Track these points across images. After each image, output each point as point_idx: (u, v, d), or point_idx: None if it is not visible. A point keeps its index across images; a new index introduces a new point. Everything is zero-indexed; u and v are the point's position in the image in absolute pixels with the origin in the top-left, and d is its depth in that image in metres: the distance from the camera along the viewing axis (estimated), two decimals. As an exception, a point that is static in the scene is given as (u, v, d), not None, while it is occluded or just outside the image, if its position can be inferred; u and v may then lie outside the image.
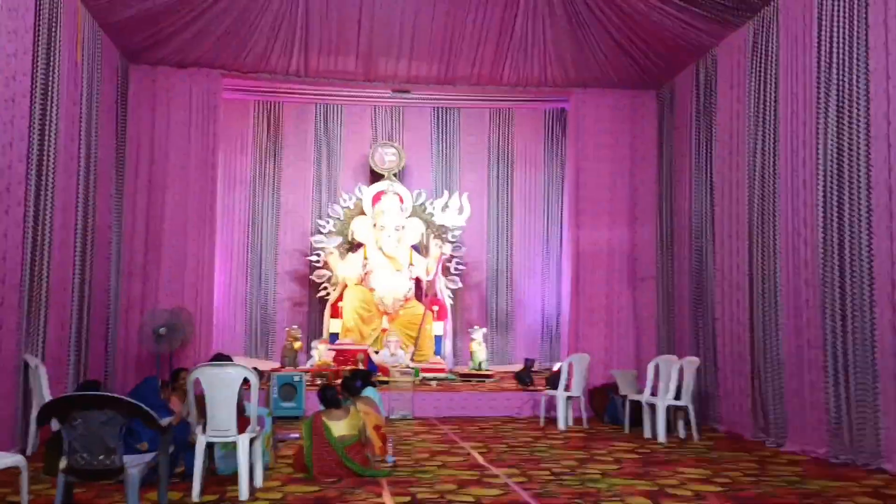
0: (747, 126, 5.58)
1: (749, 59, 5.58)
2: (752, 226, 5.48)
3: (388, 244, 8.03)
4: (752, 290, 5.49)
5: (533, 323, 9.17)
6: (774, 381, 5.22)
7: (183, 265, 6.76)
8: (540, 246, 9.26)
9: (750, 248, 5.53)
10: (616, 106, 7.17)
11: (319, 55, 6.72)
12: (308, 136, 9.02)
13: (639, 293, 7.14)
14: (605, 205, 7.12)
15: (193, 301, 6.75)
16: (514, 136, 9.34)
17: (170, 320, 6.18)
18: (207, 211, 6.86)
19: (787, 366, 5.10)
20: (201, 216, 6.82)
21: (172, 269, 6.73)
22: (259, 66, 6.87)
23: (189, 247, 6.77)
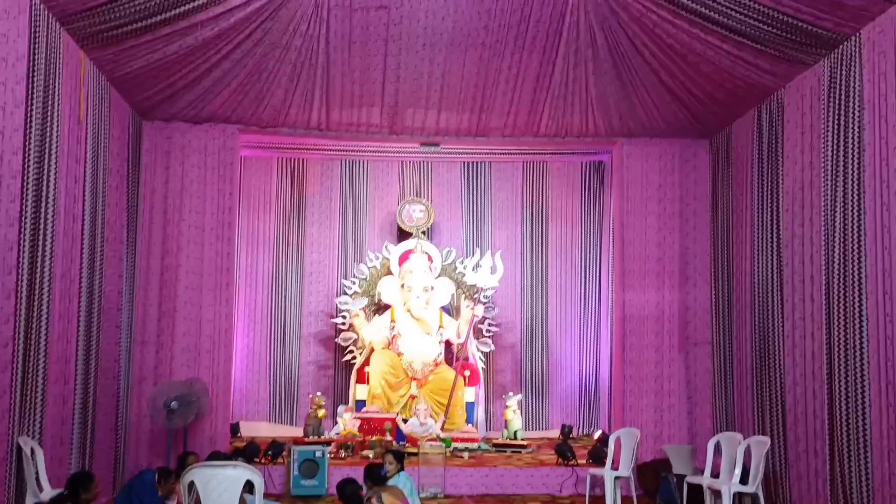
0: (823, 177, 4.79)
1: (825, 101, 4.80)
2: (832, 290, 4.66)
3: (417, 306, 7.28)
4: (832, 362, 4.63)
5: (570, 386, 8.32)
6: (859, 466, 4.34)
7: (198, 332, 6.06)
8: (576, 305, 8.46)
9: (828, 315, 4.69)
10: (664, 156, 6.42)
11: (342, 108, 6.07)
12: (333, 193, 8.40)
13: (691, 360, 6.28)
14: (653, 264, 6.32)
15: (210, 370, 6.03)
16: (548, 191, 8.62)
17: (182, 393, 5.47)
18: (224, 274, 6.18)
19: (874, 449, 4.23)
20: (218, 279, 6.13)
21: (187, 336, 6.03)
22: (278, 120, 6.24)
23: (205, 312, 6.07)
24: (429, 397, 7.04)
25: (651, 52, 5.32)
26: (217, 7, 4.99)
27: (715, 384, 6.20)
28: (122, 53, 5.18)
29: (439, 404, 6.99)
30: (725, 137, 6.21)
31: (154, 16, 4.86)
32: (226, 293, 6.14)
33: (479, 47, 5.51)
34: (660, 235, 6.34)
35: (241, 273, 8.01)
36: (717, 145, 6.36)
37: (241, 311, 7.96)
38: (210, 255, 6.10)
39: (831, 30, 4.52)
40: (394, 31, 5.41)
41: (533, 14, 5.21)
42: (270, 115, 6.18)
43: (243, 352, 7.92)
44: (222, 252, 6.14)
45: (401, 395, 7.05)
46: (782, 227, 5.26)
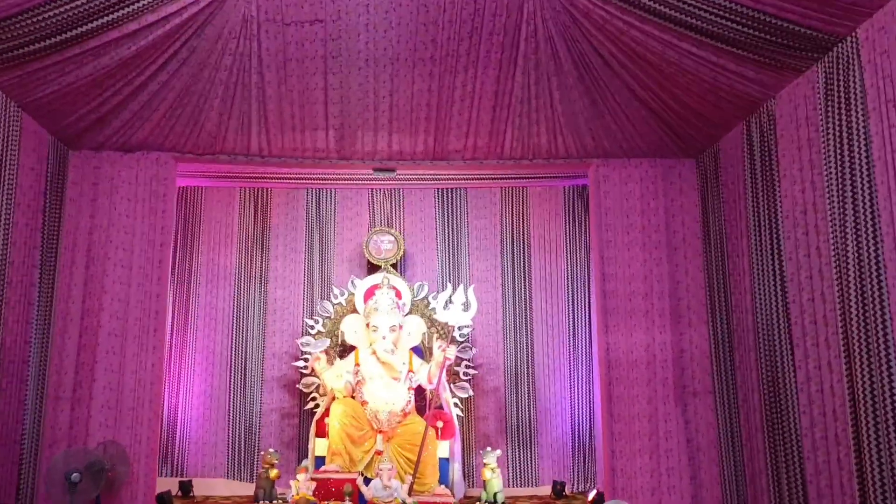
0: (828, 198, 3.86)
1: (822, 111, 3.91)
2: (850, 333, 3.68)
3: (383, 347, 6.33)
4: (858, 424, 3.65)
5: (562, 436, 7.28)
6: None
7: (120, 385, 5.18)
8: (565, 343, 7.46)
9: (848, 365, 3.72)
10: (646, 179, 5.48)
11: (283, 132, 5.24)
12: (298, 224, 7.52)
13: (691, 414, 5.26)
14: (639, 301, 5.35)
15: (132, 430, 5.12)
16: (529, 218, 7.68)
17: (90, 461, 4.55)
18: (153, 318, 5.30)
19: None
20: (146, 324, 5.26)
21: (108, 390, 5.13)
22: (215, 146, 5.41)
23: (129, 362, 5.19)
24: (396, 453, 6.05)
25: (620, 63, 4.48)
26: (131, 24, 4.28)
27: (721, 442, 5.16)
28: (29, 77, 4.46)
29: (408, 461, 5.99)
30: (713, 156, 5.28)
31: (56, 35, 4.20)
32: (154, 340, 5.27)
33: (427, 62, 4.71)
34: (646, 268, 5.37)
35: (199, 312, 7.17)
36: (705, 165, 5.43)
37: (199, 353, 7.09)
38: (138, 297, 5.25)
39: (822, 30, 3.71)
40: (332, 48, 4.63)
41: (485, 25, 4.43)
42: (206, 141, 5.38)
43: (200, 398, 7.02)
44: (152, 293, 5.28)
45: (364, 450, 6.06)
46: (784, 257, 4.31)
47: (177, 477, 6.77)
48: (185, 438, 6.92)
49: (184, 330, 7.10)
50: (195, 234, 7.31)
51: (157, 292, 5.32)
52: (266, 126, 5.19)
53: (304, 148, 5.44)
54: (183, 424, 6.93)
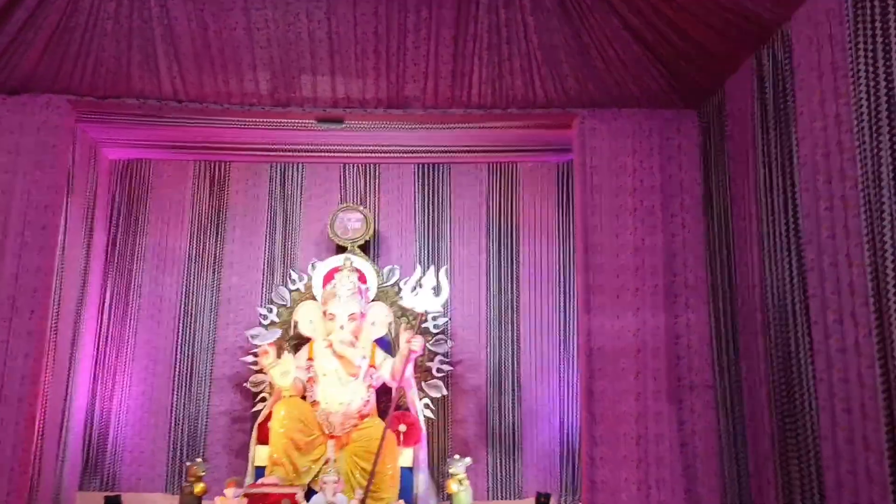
0: (857, 133, 3.09)
1: (850, 25, 3.16)
2: (885, 302, 2.92)
3: (339, 338, 5.63)
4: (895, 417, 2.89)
5: (549, 441, 6.52)
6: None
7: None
8: (555, 338, 6.70)
9: (882, 344, 2.95)
10: (640, 133, 4.72)
11: (200, 73, 4.58)
12: (260, 203, 6.88)
13: (687, 412, 4.46)
14: (628, 277, 4.58)
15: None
16: (518, 198, 6.97)
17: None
18: (31, 296, 4.56)
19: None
20: (21, 304, 4.53)
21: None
22: (117, 87, 4.75)
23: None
24: (350, 462, 5.34)
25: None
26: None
27: (722, 448, 4.36)
28: None
29: (364, 472, 5.25)
30: (717, 104, 4.53)
31: None
32: (30, 324, 4.54)
33: (371, 1, 4.01)
34: (636, 238, 4.61)
35: (141, 301, 6.55)
36: (709, 116, 4.67)
37: (140, 348, 6.47)
38: (12, 270, 4.56)
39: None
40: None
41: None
42: (107, 81, 4.71)
43: (137, 400, 6.39)
44: (31, 266, 4.59)
45: (312, 459, 5.35)
46: (801, 213, 3.54)
47: (103, 491, 6.13)
48: (119, 446, 6.26)
49: (122, 322, 6.49)
50: (140, 213, 6.71)
51: (38, 265, 4.59)
52: (178, 67, 4.55)
53: (229, 93, 4.77)
54: (116, 430, 6.29)
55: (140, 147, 6.54)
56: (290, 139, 6.41)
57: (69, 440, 5.93)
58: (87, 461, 6.22)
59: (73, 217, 5.86)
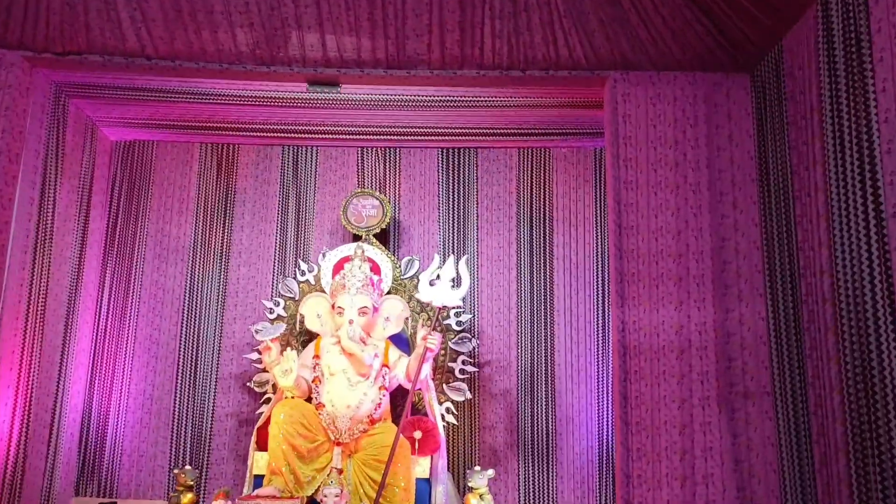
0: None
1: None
2: None
3: (349, 334, 5.21)
4: None
5: (587, 451, 6.01)
6: None
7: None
8: (593, 337, 6.20)
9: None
10: (682, 100, 4.19)
11: (170, 28, 4.21)
12: (271, 189, 6.55)
13: (740, 424, 3.91)
14: (669, 264, 4.05)
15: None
16: (551, 186, 6.49)
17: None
18: None
19: None
20: None
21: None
22: (76, 42, 4.37)
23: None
24: (360, 472, 4.92)
25: None
26: None
27: (784, 468, 3.79)
28: None
29: (375, 484, 4.84)
30: (774, 64, 3.96)
31: None
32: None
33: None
34: (679, 220, 4.08)
35: (142, 294, 6.27)
36: (763, 79, 4.10)
37: (140, 344, 6.18)
38: None
39: None
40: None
41: None
42: (65, 35, 4.35)
43: (137, 400, 6.10)
44: None
45: (317, 468, 4.93)
46: (882, 180, 2.96)
47: (101, 497, 5.86)
48: (117, 450, 5.99)
49: (122, 316, 6.22)
50: (142, 197, 6.44)
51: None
52: (142, 16, 4.16)
53: (203, 49, 4.38)
54: (114, 432, 6.02)
55: (141, 127, 6.27)
56: (303, 119, 6.07)
57: (61, 441, 5.67)
58: (84, 465, 5.96)
59: (63, 200, 5.61)
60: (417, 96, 5.53)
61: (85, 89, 5.53)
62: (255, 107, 5.81)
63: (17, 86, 4.48)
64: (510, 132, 6.26)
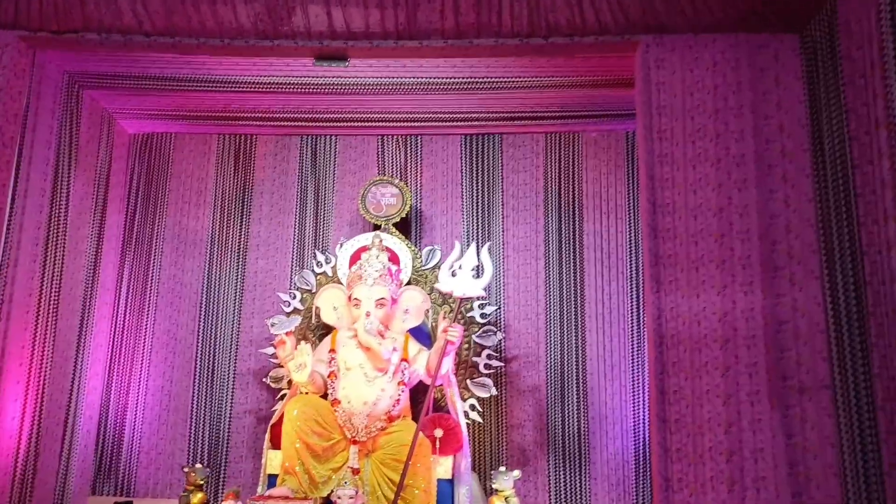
0: None
1: None
2: None
3: (366, 327, 4.81)
4: None
5: (622, 451, 5.55)
6: None
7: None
8: (627, 331, 5.73)
9: None
10: (723, 64, 3.70)
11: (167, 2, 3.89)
12: (289, 180, 6.21)
13: (796, 423, 3.40)
14: (710, 245, 3.57)
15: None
16: (581, 172, 6.04)
17: None
18: None
19: None
20: None
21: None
22: (73, 20, 4.04)
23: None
24: (377, 472, 4.51)
25: None
26: None
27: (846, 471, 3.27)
28: None
29: (393, 485, 4.43)
30: (827, 20, 3.45)
31: None
32: None
33: None
34: (721, 196, 3.60)
35: (160, 288, 5.99)
36: (815, 39, 3.60)
37: (158, 339, 5.89)
38: None
39: None
40: None
41: None
42: (61, 13, 4.03)
43: (155, 396, 5.80)
44: None
45: (332, 467, 4.54)
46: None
47: (117, 496, 5.57)
48: (135, 447, 5.70)
49: (139, 311, 5.93)
50: (160, 191, 6.16)
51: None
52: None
53: (202, 23, 4.01)
54: (132, 429, 5.73)
55: (158, 119, 6.00)
56: (320, 106, 5.73)
57: (77, 439, 5.40)
58: (101, 463, 5.68)
59: (77, 193, 5.38)
60: (438, 79, 5.17)
61: (97, 79, 5.29)
62: (270, 94, 5.50)
63: (11, 67, 4.19)
64: (536, 116, 5.84)
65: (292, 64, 4.89)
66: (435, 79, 5.18)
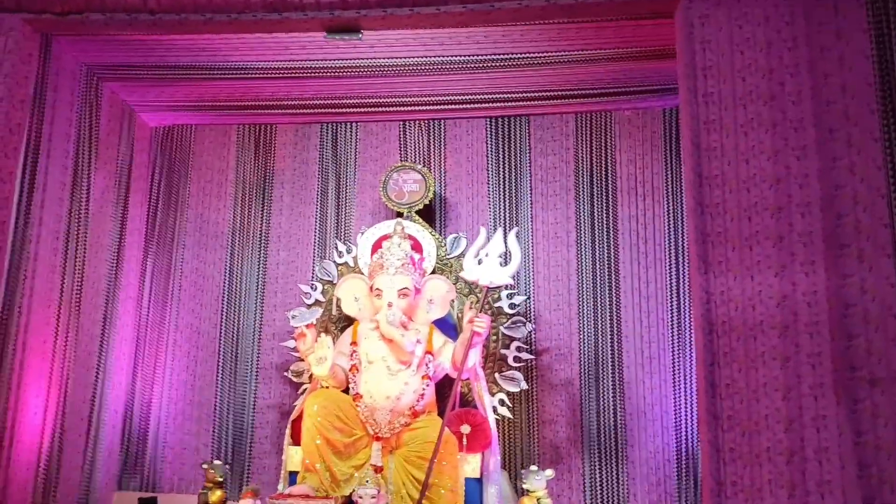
0: None
1: None
2: None
3: (388, 318, 4.43)
4: None
5: (663, 448, 5.07)
6: None
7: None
8: (666, 320, 5.25)
9: None
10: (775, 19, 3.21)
11: None
12: (310, 169, 5.86)
13: (866, 418, 2.91)
14: (765, 220, 3.08)
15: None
16: (614, 153, 5.58)
17: None
18: None
19: None
20: None
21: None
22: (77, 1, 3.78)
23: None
24: (401, 470, 4.13)
25: None
26: None
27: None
28: None
29: (417, 483, 4.04)
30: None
31: None
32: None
33: None
34: (777, 165, 3.11)
35: (182, 282, 5.70)
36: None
37: (181, 333, 5.61)
38: None
39: None
40: None
41: None
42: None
43: (179, 391, 5.52)
44: None
45: (354, 465, 4.17)
46: None
47: (143, 491, 5.30)
48: (160, 443, 5.43)
49: (163, 304, 5.66)
50: (181, 183, 5.87)
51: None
52: None
53: (210, 0, 3.67)
54: (157, 424, 5.46)
55: (178, 110, 5.72)
56: (339, 91, 5.38)
57: (102, 434, 5.16)
58: (127, 458, 5.42)
59: (98, 186, 5.14)
60: (460, 57, 4.80)
61: (115, 70, 5.05)
62: (287, 79, 5.18)
63: (17, 51, 3.90)
64: (565, 94, 5.40)
65: (307, 45, 4.56)
66: (457, 57, 4.79)
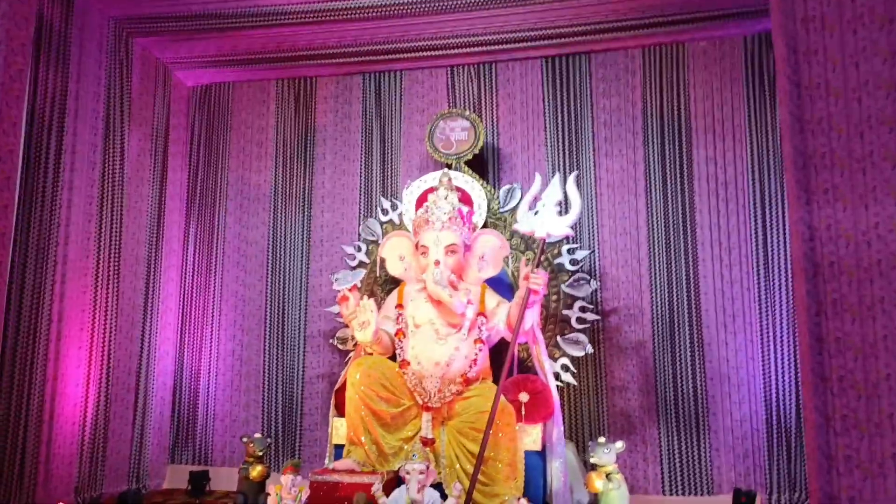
0: None
1: None
2: None
3: (435, 278, 4.01)
4: None
5: (750, 417, 4.53)
6: None
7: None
8: (751, 275, 4.66)
9: None
10: None
11: None
12: (353, 123, 5.48)
13: None
14: (884, 138, 2.48)
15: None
16: (688, 89, 4.97)
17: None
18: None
19: None
20: None
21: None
22: None
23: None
24: (454, 443, 3.73)
25: None
26: None
27: None
28: None
29: (471, 456, 3.64)
30: None
31: None
32: None
33: None
34: (894, 69, 2.46)
35: (226, 248, 5.46)
36: None
37: (226, 301, 5.38)
38: None
39: None
40: None
41: None
42: None
43: (227, 361, 5.31)
44: None
45: (403, 437, 3.80)
46: None
47: (195, 465, 5.14)
48: (210, 415, 5.24)
49: (206, 271, 5.44)
50: (221, 144, 5.60)
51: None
52: None
53: None
54: (206, 396, 5.27)
55: (214, 66, 5.43)
56: (380, 35, 4.97)
57: (150, 406, 5.01)
58: (178, 431, 5.26)
59: (133, 149, 4.93)
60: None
61: (142, 23, 4.79)
62: (324, 23, 4.78)
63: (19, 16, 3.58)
64: (630, 26, 4.82)
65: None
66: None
